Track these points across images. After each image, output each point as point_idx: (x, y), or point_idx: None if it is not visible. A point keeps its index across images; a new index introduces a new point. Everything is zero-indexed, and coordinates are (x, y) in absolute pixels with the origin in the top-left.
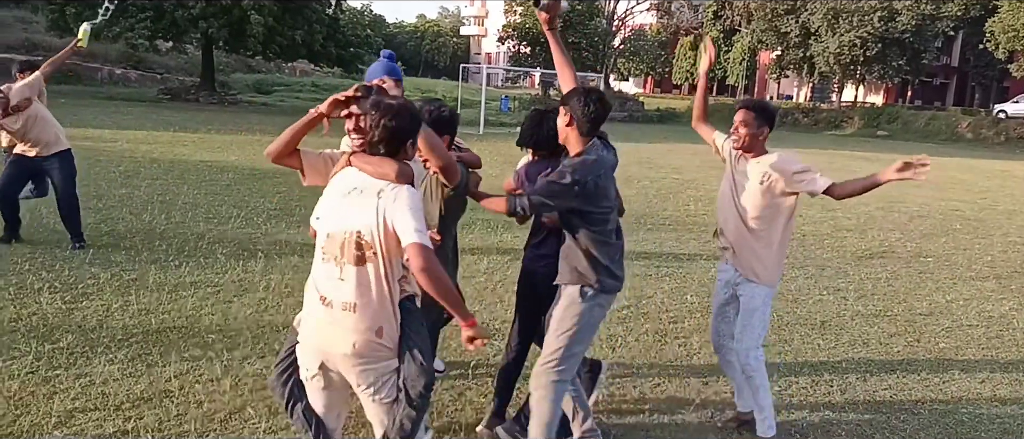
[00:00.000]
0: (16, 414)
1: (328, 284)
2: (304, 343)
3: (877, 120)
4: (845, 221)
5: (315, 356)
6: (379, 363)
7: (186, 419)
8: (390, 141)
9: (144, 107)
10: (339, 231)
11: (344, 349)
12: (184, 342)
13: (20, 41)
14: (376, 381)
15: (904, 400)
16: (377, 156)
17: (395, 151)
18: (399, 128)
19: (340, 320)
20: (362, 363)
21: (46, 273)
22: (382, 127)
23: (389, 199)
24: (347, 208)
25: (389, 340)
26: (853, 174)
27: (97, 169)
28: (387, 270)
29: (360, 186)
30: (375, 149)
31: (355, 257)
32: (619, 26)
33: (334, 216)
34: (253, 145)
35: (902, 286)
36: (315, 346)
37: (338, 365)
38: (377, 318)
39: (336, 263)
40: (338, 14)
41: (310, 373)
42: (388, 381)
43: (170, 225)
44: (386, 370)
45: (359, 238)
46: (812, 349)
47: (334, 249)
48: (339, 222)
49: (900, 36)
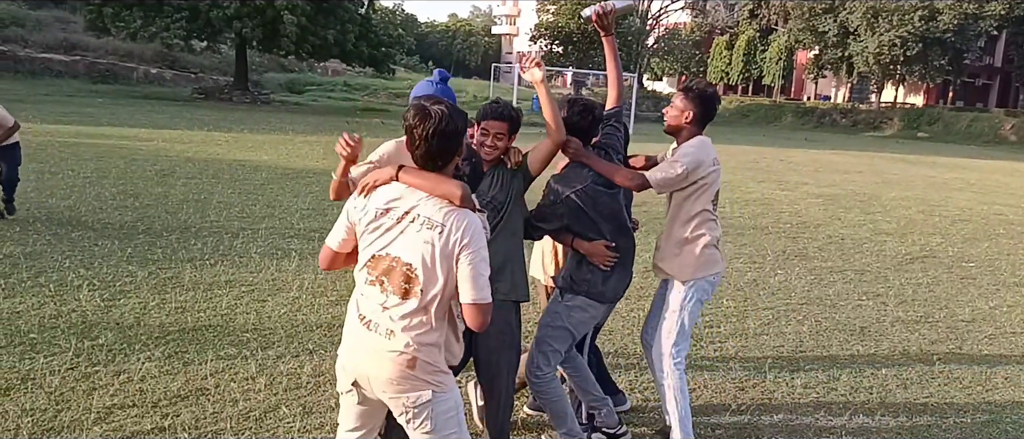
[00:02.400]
0: (57, 409)
1: (370, 305)
2: (341, 358)
3: (917, 121)
4: (885, 225)
5: (349, 374)
6: (410, 393)
7: (222, 417)
8: (444, 153)
9: (179, 106)
10: (386, 255)
11: (377, 373)
12: (219, 340)
13: (59, 41)
14: (407, 411)
15: (946, 408)
16: (431, 172)
17: (448, 164)
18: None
19: (377, 344)
20: (393, 388)
21: (85, 270)
22: (435, 141)
23: (457, 240)
24: (398, 233)
25: (423, 372)
26: (893, 177)
27: (133, 168)
28: (434, 306)
29: (412, 208)
30: (429, 163)
31: (403, 290)
32: (653, 25)
33: (382, 238)
34: (286, 145)
35: (944, 292)
36: (350, 365)
37: (371, 385)
38: (415, 351)
39: (381, 289)
40: (370, 14)
41: (344, 388)
42: (421, 413)
43: (205, 224)
44: (417, 401)
45: (410, 271)
46: (851, 355)
47: (378, 273)
48: (388, 246)
49: (941, 35)
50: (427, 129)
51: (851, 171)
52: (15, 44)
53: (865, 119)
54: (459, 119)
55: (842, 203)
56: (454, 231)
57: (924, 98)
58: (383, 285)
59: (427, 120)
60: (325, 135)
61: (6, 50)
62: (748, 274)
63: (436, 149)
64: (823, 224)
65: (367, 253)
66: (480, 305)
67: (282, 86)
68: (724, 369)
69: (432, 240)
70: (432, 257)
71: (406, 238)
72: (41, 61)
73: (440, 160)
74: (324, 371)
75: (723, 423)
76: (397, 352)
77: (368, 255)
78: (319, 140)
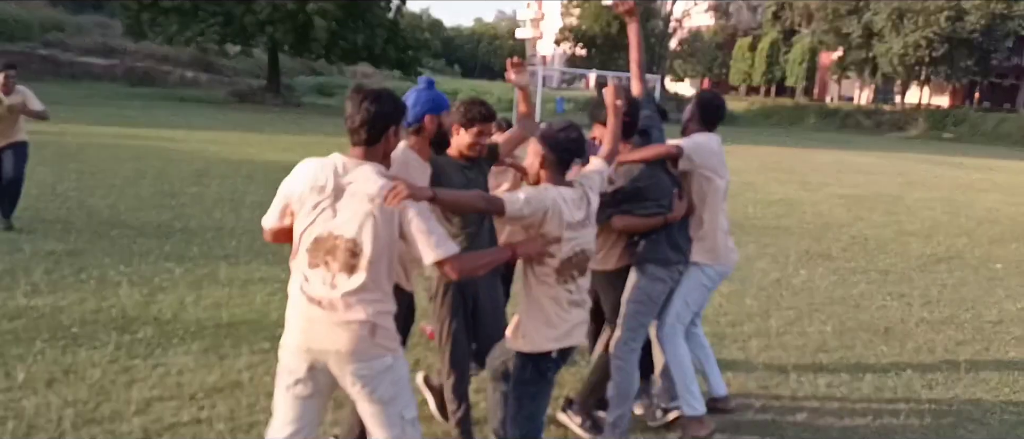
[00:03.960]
0: (98, 401)
1: (319, 288)
2: (292, 344)
3: (943, 122)
4: (909, 226)
5: (304, 359)
6: (373, 362)
7: (256, 409)
8: (372, 125)
9: (213, 108)
10: (328, 235)
11: (337, 348)
12: (253, 335)
13: (98, 45)
14: (370, 380)
15: (972, 410)
16: (360, 146)
17: (377, 138)
18: (381, 112)
19: (332, 319)
20: (355, 360)
21: (124, 267)
22: (363, 110)
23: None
24: (335, 211)
25: (383, 338)
26: (917, 177)
27: (170, 168)
28: (383, 274)
29: (347, 185)
30: (357, 135)
31: (349, 265)
32: (676, 27)
33: (320, 218)
34: (316, 146)
35: (970, 292)
36: (305, 347)
37: (331, 364)
38: (371, 320)
39: (326, 269)
40: (399, 18)
41: (294, 378)
42: (384, 378)
43: (240, 223)
44: (382, 367)
45: (354, 246)
46: (875, 355)
47: (322, 253)
48: (328, 225)
49: (968, 36)
50: (356, 105)
51: (875, 172)
52: (56, 48)
53: (889, 120)
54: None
55: (866, 204)
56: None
57: (950, 99)
58: (328, 265)
59: (358, 97)
60: None
61: (47, 54)
62: (771, 274)
63: (359, 123)
64: (847, 224)
65: (309, 236)
66: (448, 260)
67: (313, 89)
68: (747, 369)
69: (370, 211)
70: (373, 228)
71: (345, 214)
72: (81, 64)
73: (364, 133)
74: None
75: (746, 423)
76: (358, 323)
77: (310, 238)
78: (349, 142)
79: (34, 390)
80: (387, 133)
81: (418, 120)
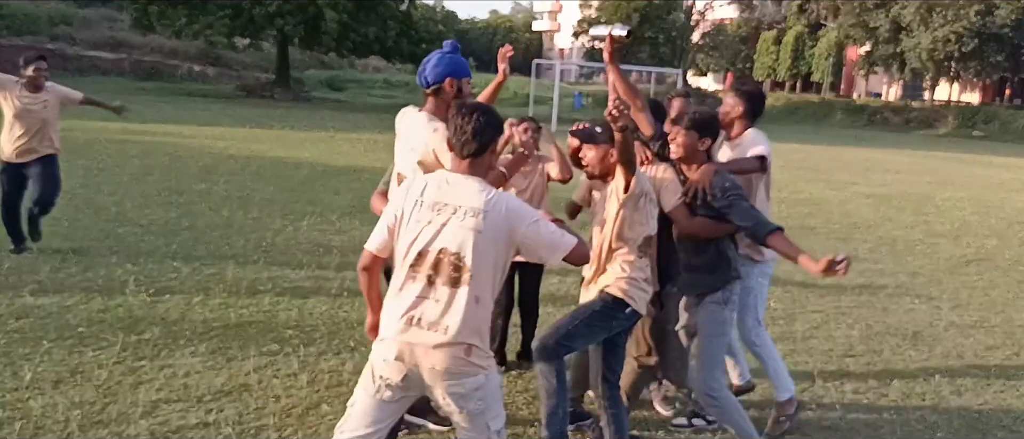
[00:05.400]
0: (105, 402)
1: (418, 303)
2: (384, 354)
3: (973, 120)
4: (938, 226)
5: (398, 370)
6: (466, 380)
7: (264, 413)
8: (481, 139)
9: (221, 103)
10: (432, 249)
11: (431, 366)
12: (262, 337)
13: (105, 39)
14: (461, 397)
15: (1002, 415)
16: (466, 159)
17: (482, 151)
18: (489, 126)
19: (430, 337)
20: (448, 379)
21: (131, 266)
22: (474, 122)
23: (503, 222)
24: (440, 225)
25: (477, 358)
26: (947, 177)
27: (178, 165)
28: (485, 290)
29: (451, 199)
30: (466, 148)
31: (452, 279)
32: (698, 20)
33: (425, 232)
34: (327, 142)
35: (1000, 295)
36: (398, 359)
37: (423, 379)
38: (468, 338)
39: (428, 283)
40: (411, 10)
41: (386, 384)
42: (475, 396)
43: (248, 221)
44: (474, 386)
45: (458, 260)
46: (903, 360)
47: (425, 268)
48: (433, 240)
49: (999, 31)
50: (463, 119)
51: (903, 170)
52: (63, 42)
53: (918, 117)
54: (494, 115)
55: (894, 203)
56: (495, 213)
57: (980, 95)
58: (430, 280)
59: (463, 112)
60: (366, 133)
61: (55, 48)
62: (797, 276)
63: (469, 137)
64: (874, 225)
65: (412, 251)
66: (572, 248)
67: (323, 83)
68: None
69: (476, 227)
70: (478, 243)
71: (450, 229)
72: (88, 59)
73: (472, 147)
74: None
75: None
76: (453, 344)
77: (415, 253)
78: (360, 138)
79: (41, 390)
80: (492, 147)
81: (439, 81)
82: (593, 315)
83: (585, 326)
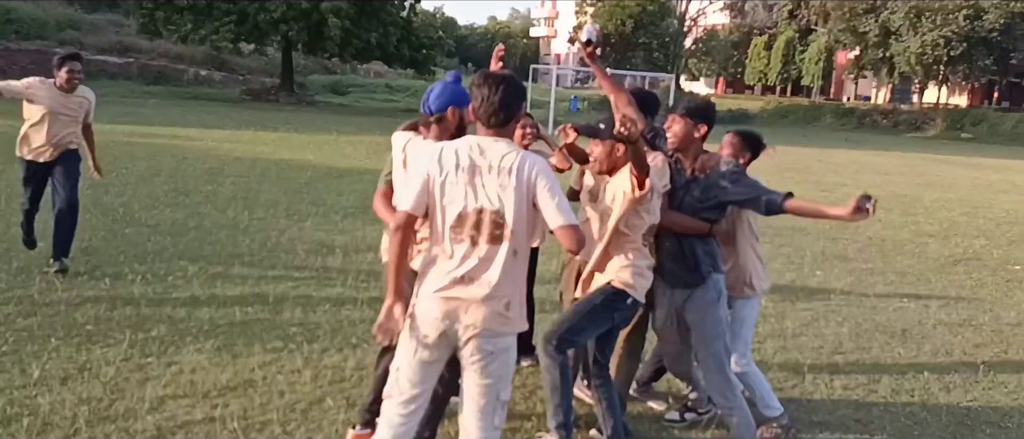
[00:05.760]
0: (112, 399)
1: (461, 263)
2: (427, 313)
3: (961, 122)
4: (927, 227)
5: (437, 327)
6: (500, 339)
7: (269, 408)
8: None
9: (227, 107)
10: (472, 210)
11: (473, 321)
12: (267, 334)
13: (113, 44)
14: (489, 355)
15: (990, 412)
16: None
17: (509, 120)
18: (514, 95)
19: (474, 293)
20: (485, 334)
21: (139, 265)
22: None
23: (529, 178)
24: (479, 185)
25: (514, 312)
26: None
27: (184, 166)
28: (523, 244)
29: (484, 159)
30: (494, 118)
31: (494, 236)
32: (691, 26)
33: (462, 193)
34: (330, 145)
35: (988, 294)
36: (440, 317)
37: (463, 333)
38: (508, 293)
39: (472, 243)
40: (412, 16)
41: (424, 344)
42: (500, 358)
43: (253, 221)
44: (502, 345)
45: (498, 217)
46: (892, 358)
47: (468, 227)
48: (471, 200)
49: (987, 35)
50: (489, 90)
51: (892, 172)
52: (71, 47)
53: (907, 120)
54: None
55: (883, 204)
56: (524, 170)
57: (968, 98)
58: (474, 239)
59: (488, 81)
60: (368, 135)
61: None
62: (787, 275)
63: (497, 106)
64: (863, 225)
65: (451, 213)
66: (571, 226)
67: (326, 87)
68: (762, 370)
69: (509, 184)
70: (514, 200)
71: (488, 188)
72: (96, 63)
73: (501, 116)
74: (367, 365)
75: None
76: (494, 298)
77: (453, 214)
78: (363, 140)
79: (49, 387)
80: (518, 116)
81: (441, 110)
82: (594, 309)
83: (588, 320)
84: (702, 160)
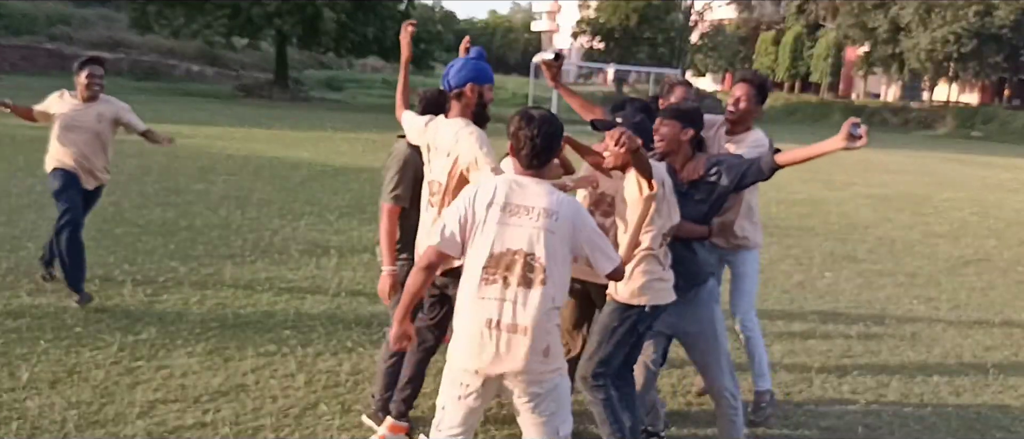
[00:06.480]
0: (102, 403)
1: (495, 305)
2: (462, 363)
3: (972, 120)
4: (937, 227)
5: (478, 376)
6: (545, 382)
7: (261, 414)
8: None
9: (220, 103)
10: (507, 250)
11: (512, 369)
12: (259, 337)
13: (103, 38)
14: (538, 397)
15: (1000, 416)
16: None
17: (549, 160)
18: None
19: (509, 339)
20: (527, 379)
21: (128, 266)
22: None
23: (571, 223)
24: (515, 226)
25: (553, 358)
26: (946, 177)
27: (176, 164)
28: (558, 288)
29: (523, 200)
30: (536, 160)
31: (526, 279)
32: (697, 21)
33: (497, 233)
34: (325, 142)
35: (999, 296)
36: (479, 368)
37: (505, 381)
38: (545, 338)
39: (504, 284)
40: (410, 10)
41: (469, 391)
42: (550, 396)
43: (245, 221)
44: (550, 387)
45: (533, 260)
46: (901, 360)
47: (500, 269)
48: (506, 240)
49: (998, 32)
50: (532, 130)
51: (902, 171)
52: (62, 41)
53: (917, 118)
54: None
55: (893, 204)
56: (564, 214)
57: (979, 96)
58: (506, 281)
59: (532, 123)
60: (365, 132)
61: (53, 48)
62: (795, 276)
63: (540, 148)
64: (873, 225)
65: (483, 253)
66: (620, 266)
67: (321, 83)
68: (770, 373)
69: (549, 227)
70: (551, 243)
71: (524, 230)
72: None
73: (544, 157)
74: (362, 369)
75: (768, 427)
76: (533, 343)
77: (486, 254)
78: (359, 137)
79: (38, 390)
80: (556, 154)
81: (460, 86)
82: (615, 331)
83: (614, 346)
84: (693, 164)
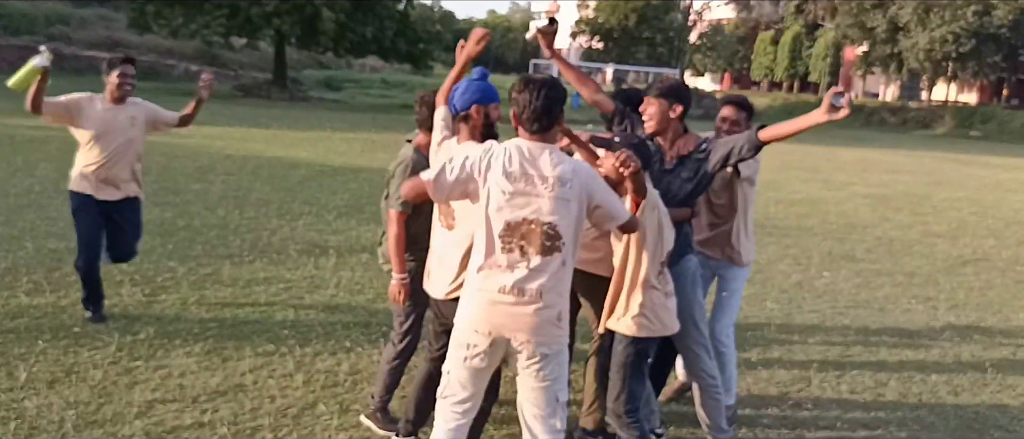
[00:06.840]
0: (100, 403)
1: (508, 273)
2: (473, 323)
3: (970, 120)
4: (936, 227)
5: (486, 336)
6: (553, 344)
7: (260, 413)
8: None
9: (218, 103)
10: (523, 220)
11: (521, 330)
12: (257, 337)
13: (102, 38)
14: (543, 358)
15: (999, 415)
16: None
17: (553, 124)
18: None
19: (524, 306)
20: (535, 340)
21: (126, 266)
22: (542, 99)
23: (583, 188)
24: (534, 196)
25: (563, 321)
26: (944, 177)
27: (174, 164)
28: (569, 255)
29: (534, 171)
30: (537, 123)
31: (544, 248)
32: (696, 20)
33: (514, 204)
34: (324, 142)
35: (997, 296)
36: (490, 328)
37: (512, 341)
38: (559, 303)
39: (521, 254)
40: (409, 10)
41: (475, 352)
42: (553, 359)
43: (244, 221)
44: (554, 350)
45: (552, 229)
46: (900, 360)
47: (516, 238)
48: (524, 210)
49: (996, 31)
50: (531, 94)
51: (901, 170)
52: (60, 42)
53: (915, 117)
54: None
55: (891, 204)
56: (577, 180)
57: (977, 96)
58: (523, 250)
59: (530, 85)
60: (363, 132)
61: (51, 47)
62: (793, 276)
63: (540, 110)
64: (871, 225)
65: (499, 222)
66: (633, 220)
67: (320, 83)
68: (768, 373)
69: (564, 195)
70: (566, 211)
71: (540, 199)
72: (85, 58)
73: (545, 121)
74: (361, 369)
75: (767, 429)
76: (545, 308)
77: (501, 222)
78: (357, 137)
79: (36, 390)
80: (559, 119)
81: (466, 108)
82: (630, 366)
83: (635, 380)
84: (683, 141)
